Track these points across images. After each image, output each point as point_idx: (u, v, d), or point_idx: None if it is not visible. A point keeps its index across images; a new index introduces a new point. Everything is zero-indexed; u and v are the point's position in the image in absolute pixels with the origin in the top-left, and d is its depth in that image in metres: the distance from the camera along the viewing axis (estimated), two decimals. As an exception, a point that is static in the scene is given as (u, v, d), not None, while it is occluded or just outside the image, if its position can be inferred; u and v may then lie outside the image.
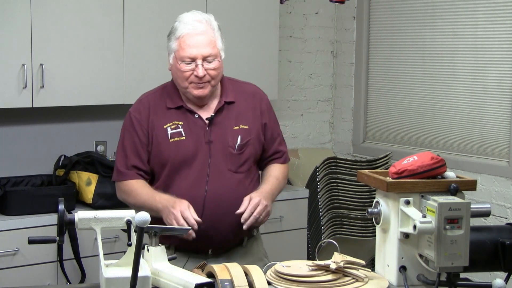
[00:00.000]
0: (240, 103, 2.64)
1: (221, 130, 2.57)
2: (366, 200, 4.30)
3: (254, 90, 2.73)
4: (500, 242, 2.06)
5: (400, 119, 4.59)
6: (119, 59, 3.74)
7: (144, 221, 1.87)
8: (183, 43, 2.52)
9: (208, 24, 2.56)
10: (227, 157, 2.56)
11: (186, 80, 2.53)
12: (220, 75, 2.60)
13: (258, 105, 2.67)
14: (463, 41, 4.13)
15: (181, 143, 2.55)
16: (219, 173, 2.54)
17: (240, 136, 2.58)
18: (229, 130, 2.58)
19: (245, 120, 2.61)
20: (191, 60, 2.51)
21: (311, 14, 4.85)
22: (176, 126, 2.57)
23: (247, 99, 2.66)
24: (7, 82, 3.43)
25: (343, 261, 2.10)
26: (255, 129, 2.62)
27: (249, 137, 2.60)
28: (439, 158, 2.14)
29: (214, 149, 2.55)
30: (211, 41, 2.53)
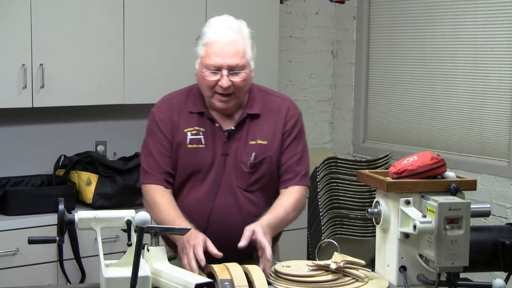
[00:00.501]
0: (265, 116, 2.47)
1: (238, 143, 2.43)
2: (366, 200, 4.30)
3: (283, 103, 2.53)
4: (500, 242, 2.06)
5: (400, 119, 4.59)
6: (119, 59, 3.74)
7: (144, 221, 1.87)
8: (210, 50, 2.36)
9: (238, 32, 2.41)
10: (239, 173, 2.42)
11: (210, 89, 2.39)
12: (247, 87, 2.44)
13: (282, 118, 2.48)
14: (463, 41, 4.13)
15: (199, 151, 2.43)
16: (229, 189, 2.41)
17: (255, 153, 2.42)
18: (245, 145, 2.43)
19: (266, 134, 2.45)
20: (216, 69, 2.36)
21: (311, 14, 4.86)
22: (197, 132, 2.45)
23: (273, 113, 2.49)
24: (7, 82, 3.43)
25: (343, 261, 2.10)
26: (275, 145, 2.45)
27: (266, 154, 2.43)
28: (439, 158, 2.15)
29: (229, 162, 2.42)
30: (240, 51, 2.37)
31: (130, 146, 4.06)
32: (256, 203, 2.44)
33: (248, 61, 2.41)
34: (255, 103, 2.48)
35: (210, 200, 2.42)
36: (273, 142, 2.45)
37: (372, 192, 4.25)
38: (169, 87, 3.89)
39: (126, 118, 4.15)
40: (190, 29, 3.94)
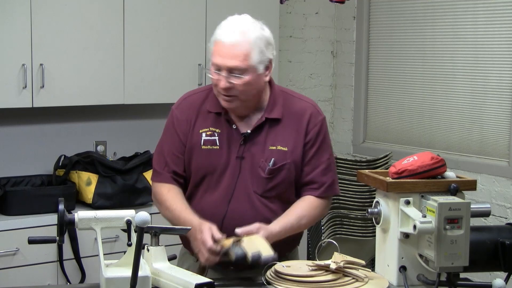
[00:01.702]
0: (286, 121, 2.40)
1: (256, 147, 2.36)
2: (366, 200, 4.30)
3: (306, 107, 2.44)
4: (500, 242, 2.06)
5: (400, 119, 4.59)
6: (119, 59, 3.74)
7: (144, 221, 1.87)
8: (215, 48, 2.32)
9: (243, 34, 2.31)
10: (255, 178, 2.35)
11: (215, 87, 2.34)
12: (254, 91, 2.34)
13: (305, 125, 2.40)
14: (463, 41, 4.13)
15: (213, 153, 2.37)
16: (244, 193, 2.34)
17: (274, 159, 2.35)
18: (264, 150, 2.36)
19: (286, 140, 2.37)
20: (217, 68, 2.30)
21: (311, 14, 4.85)
22: (212, 133, 2.39)
23: (295, 117, 2.41)
24: (7, 82, 3.43)
25: (343, 261, 2.10)
26: (295, 152, 2.38)
27: (285, 160, 2.36)
28: (439, 158, 2.14)
29: (245, 166, 2.36)
30: (240, 54, 2.28)
31: (130, 146, 4.06)
32: (273, 210, 2.38)
33: (252, 65, 2.29)
34: (275, 107, 2.40)
35: (225, 204, 2.36)
36: (293, 150, 2.38)
37: (372, 192, 4.25)
38: (169, 87, 3.91)
39: (126, 118, 4.15)
40: (190, 29, 3.95)
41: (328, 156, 2.46)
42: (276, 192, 2.37)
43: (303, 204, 2.40)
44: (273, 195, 2.37)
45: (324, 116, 2.50)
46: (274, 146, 2.37)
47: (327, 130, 2.51)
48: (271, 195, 2.37)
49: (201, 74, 3.99)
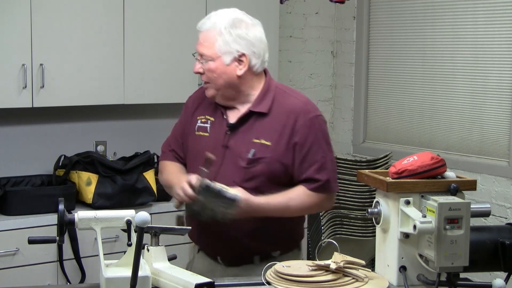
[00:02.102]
0: (274, 116, 2.42)
1: (240, 138, 2.41)
2: (366, 200, 4.30)
3: (296, 104, 2.45)
4: (500, 242, 2.06)
5: (400, 119, 4.59)
6: (119, 59, 3.74)
7: (144, 221, 1.87)
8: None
9: (213, 24, 2.40)
10: (235, 168, 2.40)
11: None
12: (219, 80, 2.40)
13: (291, 122, 2.40)
14: (463, 41, 4.13)
15: (203, 139, 2.48)
16: (224, 182, 2.35)
17: (255, 150, 2.38)
18: (247, 141, 2.40)
19: (271, 135, 2.39)
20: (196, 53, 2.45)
21: (311, 14, 4.85)
22: (206, 121, 2.49)
23: (284, 114, 2.42)
24: (7, 82, 3.43)
25: (343, 261, 2.10)
26: (278, 148, 2.39)
27: (267, 155, 2.38)
28: (439, 158, 2.14)
29: (228, 155, 2.41)
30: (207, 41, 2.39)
31: (130, 146, 4.06)
32: None
33: (215, 54, 2.38)
34: (263, 102, 2.44)
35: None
36: (276, 146, 2.39)
37: (372, 192, 4.25)
38: (169, 87, 3.92)
39: (126, 118, 4.15)
40: (190, 29, 3.94)
41: (323, 154, 2.44)
42: (253, 184, 2.38)
43: (294, 190, 2.41)
44: (251, 187, 2.37)
45: (318, 115, 2.49)
46: (258, 139, 2.40)
47: (322, 128, 2.49)
48: (248, 187, 2.36)
49: (201, 74, 3.98)
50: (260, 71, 2.47)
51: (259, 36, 2.46)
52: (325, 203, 2.51)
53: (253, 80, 2.46)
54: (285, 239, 2.51)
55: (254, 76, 2.45)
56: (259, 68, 2.45)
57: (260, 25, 2.51)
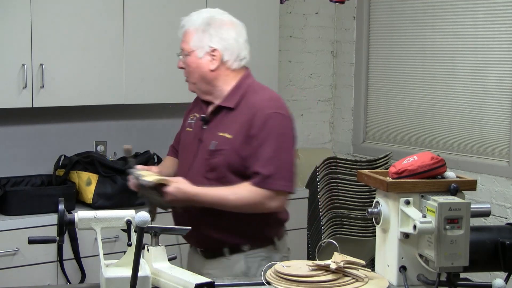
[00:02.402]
0: (240, 111, 2.52)
1: (210, 132, 2.55)
2: (366, 200, 4.30)
3: (257, 101, 2.52)
4: (500, 242, 2.06)
5: (400, 119, 4.60)
6: (119, 59, 3.74)
7: (144, 221, 1.87)
8: None
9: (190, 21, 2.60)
10: (202, 159, 2.54)
11: None
12: (194, 74, 2.58)
13: (251, 117, 2.47)
14: (463, 41, 4.13)
15: (188, 135, 2.67)
16: (194, 173, 2.54)
17: (217, 142, 2.50)
18: (214, 135, 2.53)
19: (233, 129, 2.50)
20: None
21: (311, 14, 4.86)
22: (193, 117, 2.68)
23: (247, 110, 2.51)
24: (7, 82, 3.43)
25: (343, 261, 2.10)
26: (237, 140, 2.47)
27: (226, 147, 2.48)
28: (439, 158, 2.14)
29: (201, 149, 2.56)
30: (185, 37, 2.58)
31: (130, 146, 4.06)
32: None
33: (192, 49, 2.55)
34: (232, 97, 2.55)
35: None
36: (235, 139, 2.48)
37: (372, 192, 4.25)
38: (169, 87, 3.91)
39: (126, 118, 4.15)
40: (190, 29, 3.95)
41: (274, 149, 2.45)
42: (216, 175, 2.50)
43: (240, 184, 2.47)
44: (213, 178, 2.50)
45: (277, 112, 2.49)
46: (223, 132, 2.52)
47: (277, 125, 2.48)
48: (211, 177, 2.50)
49: (201, 74, 3.98)
50: (235, 68, 2.58)
51: (234, 35, 2.58)
52: (268, 201, 2.46)
53: (228, 76, 2.58)
54: (255, 234, 2.55)
55: (229, 72, 2.58)
56: (233, 65, 2.57)
57: (241, 26, 2.64)
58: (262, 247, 2.57)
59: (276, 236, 2.61)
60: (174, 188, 2.43)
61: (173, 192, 2.43)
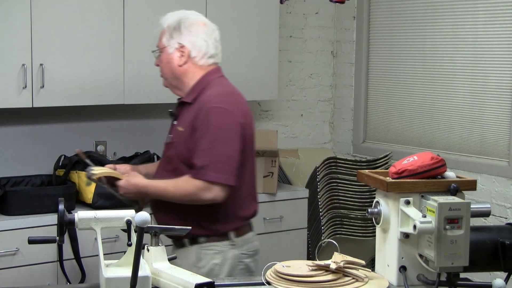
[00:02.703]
0: (194, 107, 2.66)
1: (174, 127, 2.73)
2: (366, 200, 4.30)
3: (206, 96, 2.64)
4: (500, 242, 2.06)
5: (400, 119, 4.60)
6: (119, 59, 3.74)
7: (144, 221, 1.87)
8: None
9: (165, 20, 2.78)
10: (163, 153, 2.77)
11: None
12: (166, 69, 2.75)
13: (198, 111, 2.61)
14: (463, 41, 4.13)
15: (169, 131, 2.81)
16: (160, 167, 2.77)
17: (172, 135, 2.70)
18: (174, 129, 2.72)
19: (186, 123, 2.65)
20: None
21: (311, 14, 4.85)
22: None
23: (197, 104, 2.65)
24: (7, 82, 3.43)
25: (343, 261, 2.10)
26: (186, 132, 2.63)
27: (178, 139, 2.66)
28: (439, 158, 2.15)
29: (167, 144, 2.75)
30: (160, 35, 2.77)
31: (130, 146, 4.06)
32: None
33: (164, 45, 2.74)
34: (192, 93, 2.70)
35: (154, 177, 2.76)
36: (186, 130, 2.63)
37: (372, 192, 4.25)
38: (169, 87, 3.91)
39: (126, 118, 4.15)
40: (190, 29, 3.95)
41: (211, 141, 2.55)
42: (171, 167, 2.67)
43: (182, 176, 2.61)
44: (170, 169, 2.67)
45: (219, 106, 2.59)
46: (180, 126, 2.67)
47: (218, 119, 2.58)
48: (169, 169, 2.68)
49: (201, 74, 3.98)
50: (202, 64, 2.71)
51: (203, 34, 2.71)
52: (202, 192, 2.54)
53: (196, 72, 2.71)
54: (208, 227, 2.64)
55: (196, 68, 2.71)
56: (200, 61, 2.70)
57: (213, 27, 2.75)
58: (218, 241, 2.66)
59: (233, 232, 2.67)
60: (125, 181, 2.65)
61: (124, 185, 2.65)
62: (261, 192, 4.01)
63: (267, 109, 4.74)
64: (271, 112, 4.76)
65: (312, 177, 4.30)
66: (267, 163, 4.01)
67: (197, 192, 2.55)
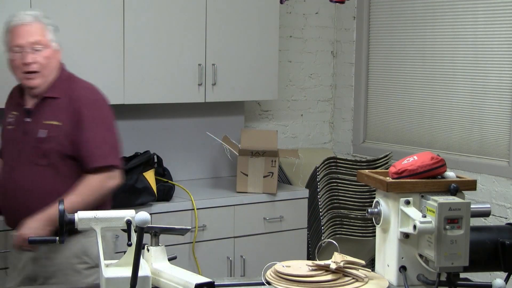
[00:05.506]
0: (64, 100, 2.74)
1: (36, 123, 2.73)
2: (366, 200, 4.30)
3: (78, 90, 2.79)
4: (500, 242, 2.06)
5: (400, 119, 4.60)
6: (119, 59, 3.74)
7: (144, 221, 1.87)
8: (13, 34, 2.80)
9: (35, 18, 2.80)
10: (31, 149, 2.72)
11: (19, 68, 2.76)
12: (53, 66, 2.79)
13: (73, 104, 2.72)
14: (463, 41, 4.13)
15: (10, 131, 2.81)
16: (23, 163, 2.73)
17: (47, 130, 2.69)
18: (40, 124, 2.71)
19: (60, 117, 2.71)
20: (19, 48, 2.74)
21: (311, 14, 4.85)
22: (13, 116, 2.83)
23: (69, 97, 2.74)
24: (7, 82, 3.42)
25: (343, 261, 2.10)
26: (66, 126, 2.70)
27: (57, 133, 2.69)
28: (439, 158, 2.15)
29: (28, 140, 2.72)
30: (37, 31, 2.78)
31: (130, 146, 4.05)
32: (48, 178, 2.70)
33: (48, 42, 2.77)
34: (56, 88, 2.76)
35: (9, 175, 2.75)
36: (64, 125, 2.69)
37: (372, 192, 4.25)
38: (169, 87, 3.91)
39: (126, 118, 4.14)
40: (190, 29, 3.95)
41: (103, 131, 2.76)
42: (47, 161, 2.70)
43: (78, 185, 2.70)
44: (47, 163, 2.70)
45: (100, 98, 2.82)
46: (49, 121, 2.70)
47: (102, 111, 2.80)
48: (45, 163, 2.70)
49: (201, 74, 3.98)
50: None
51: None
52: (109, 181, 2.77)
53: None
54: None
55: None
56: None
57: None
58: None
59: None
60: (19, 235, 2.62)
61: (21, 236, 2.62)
62: (261, 192, 4.02)
63: (267, 109, 4.74)
64: (271, 112, 4.76)
65: (312, 177, 4.30)
66: (267, 163, 4.01)
67: (103, 184, 2.72)
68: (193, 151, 4.32)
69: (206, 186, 4.21)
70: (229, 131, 4.29)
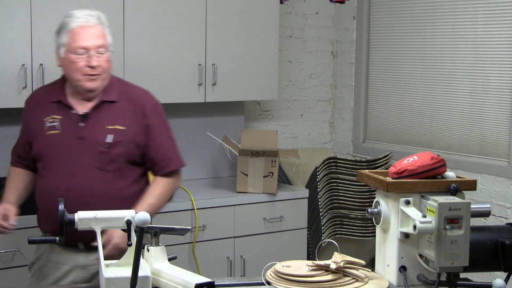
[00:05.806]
0: (122, 103, 2.70)
1: (95, 127, 2.66)
2: (366, 200, 4.30)
3: (138, 94, 2.78)
4: (500, 242, 2.06)
5: (400, 119, 4.60)
6: (119, 59, 3.74)
7: (144, 221, 1.87)
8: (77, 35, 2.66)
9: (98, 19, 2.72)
10: (95, 154, 2.64)
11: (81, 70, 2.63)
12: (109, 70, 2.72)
13: (138, 109, 2.71)
14: (463, 41, 4.13)
15: (55, 137, 2.66)
16: (86, 169, 2.63)
17: (113, 135, 2.64)
18: (103, 129, 2.65)
19: (123, 121, 2.67)
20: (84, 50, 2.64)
21: (311, 14, 4.86)
22: (53, 120, 2.68)
23: (129, 101, 2.71)
24: (7, 82, 3.43)
25: (343, 261, 2.10)
26: (131, 131, 2.67)
27: (123, 138, 2.65)
28: (439, 158, 2.15)
29: (85, 145, 2.64)
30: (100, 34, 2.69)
31: (130, 146, 4.06)
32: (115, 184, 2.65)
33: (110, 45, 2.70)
34: (112, 92, 2.71)
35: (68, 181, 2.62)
36: (130, 129, 2.67)
37: (372, 192, 4.25)
38: (169, 87, 3.92)
39: (126, 118, 4.14)
40: (190, 29, 3.95)
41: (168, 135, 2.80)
42: (114, 166, 2.65)
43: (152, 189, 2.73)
44: (112, 169, 2.64)
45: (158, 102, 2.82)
46: (112, 125, 2.65)
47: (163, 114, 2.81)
48: (112, 169, 2.64)
49: (201, 74, 3.99)
50: None
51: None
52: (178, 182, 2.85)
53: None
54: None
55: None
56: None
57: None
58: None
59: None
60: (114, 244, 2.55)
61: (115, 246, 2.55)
62: (261, 192, 4.02)
63: (267, 109, 4.74)
64: (271, 112, 4.76)
65: (312, 177, 4.30)
66: (267, 163, 4.02)
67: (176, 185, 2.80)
68: (193, 151, 4.32)
69: (206, 186, 4.21)
70: (229, 131, 4.30)
